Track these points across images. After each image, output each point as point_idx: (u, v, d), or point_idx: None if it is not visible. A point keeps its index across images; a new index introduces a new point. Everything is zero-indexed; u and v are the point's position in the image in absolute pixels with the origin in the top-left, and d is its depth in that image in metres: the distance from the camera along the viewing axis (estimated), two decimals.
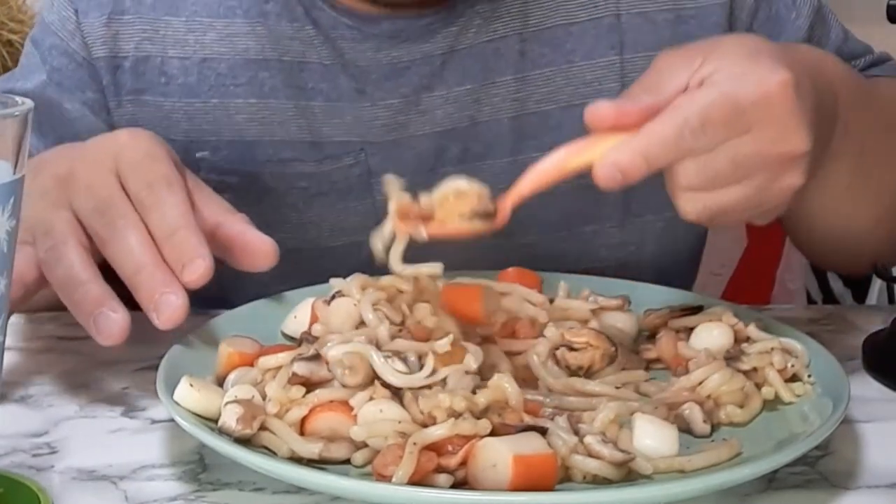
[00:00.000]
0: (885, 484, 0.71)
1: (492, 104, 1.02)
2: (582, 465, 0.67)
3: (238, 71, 1.02)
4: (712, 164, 0.73)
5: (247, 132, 1.02)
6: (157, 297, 0.78)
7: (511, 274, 0.89)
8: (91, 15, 1.03)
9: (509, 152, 1.03)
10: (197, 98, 1.03)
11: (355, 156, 1.02)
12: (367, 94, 1.01)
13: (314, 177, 1.03)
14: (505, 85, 1.02)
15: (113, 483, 0.71)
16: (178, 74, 1.03)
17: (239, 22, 1.02)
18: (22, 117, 0.63)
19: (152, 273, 0.78)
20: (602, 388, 0.76)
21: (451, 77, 1.01)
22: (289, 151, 1.02)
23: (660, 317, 0.85)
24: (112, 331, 0.78)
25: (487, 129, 1.02)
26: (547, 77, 1.02)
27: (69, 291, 0.79)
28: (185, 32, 1.02)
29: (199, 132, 1.03)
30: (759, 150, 0.74)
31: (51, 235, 0.80)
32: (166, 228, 0.80)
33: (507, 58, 1.02)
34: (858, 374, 0.86)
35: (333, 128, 1.02)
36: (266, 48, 1.01)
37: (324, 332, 0.78)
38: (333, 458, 0.69)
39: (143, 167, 0.82)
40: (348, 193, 1.03)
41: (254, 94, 1.02)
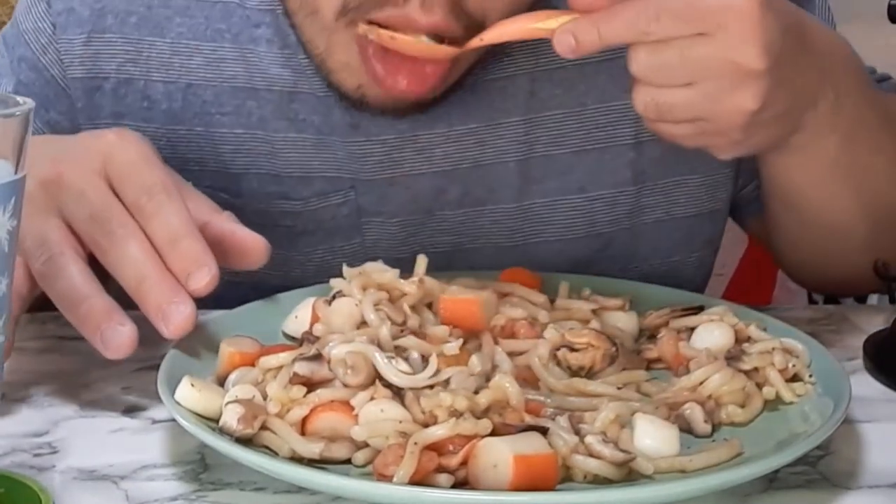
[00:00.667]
0: (886, 484, 0.71)
1: (497, 146, 0.98)
2: (583, 465, 0.67)
3: (224, 99, 0.97)
4: (661, 55, 0.75)
5: (232, 164, 0.98)
6: (166, 307, 0.77)
7: (512, 274, 0.89)
8: (70, 31, 0.98)
9: (514, 197, 0.99)
10: (181, 125, 0.98)
11: (345, 194, 0.98)
12: (361, 128, 0.96)
13: (300, 215, 0.99)
14: (512, 126, 0.98)
15: (114, 483, 0.71)
16: (162, 99, 0.98)
17: (227, 47, 0.97)
18: (22, 117, 0.63)
19: (158, 283, 0.77)
20: (603, 388, 0.76)
21: (454, 114, 0.96)
22: (275, 186, 0.98)
23: (660, 317, 0.85)
24: (121, 344, 0.77)
25: (491, 172, 0.98)
26: (557, 119, 0.98)
27: (73, 306, 0.78)
28: (169, 55, 0.97)
29: (182, 161, 0.96)
30: (710, 53, 0.75)
31: (46, 246, 0.79)
32: (169, 236, 0.78)
33: (515, 97, 0.97)
34: (859, 374, 0.86)
35: (323, 163, 0.98)
36: (255, 76, 0.97)
37: (325, 332, 0.78)
38: (334, 457, 0.69)
39: (136, 171, 0.80)
40: (335, 233, 1.00)
41: (240, 125, 0.98)
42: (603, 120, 0.98)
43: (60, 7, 0.98)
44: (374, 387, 0.70)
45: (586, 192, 1.00)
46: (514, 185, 0.99)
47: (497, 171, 0.98)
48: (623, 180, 1.00)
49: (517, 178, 0.99)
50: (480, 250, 1.00)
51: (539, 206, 0.99)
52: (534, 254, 1.00)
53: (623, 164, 0.99)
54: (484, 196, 0.99)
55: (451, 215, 0.99)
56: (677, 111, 0.78)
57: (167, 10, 0.98)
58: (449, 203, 0.99)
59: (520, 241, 1.00)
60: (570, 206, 1.00)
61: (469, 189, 0.99)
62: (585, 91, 0.98)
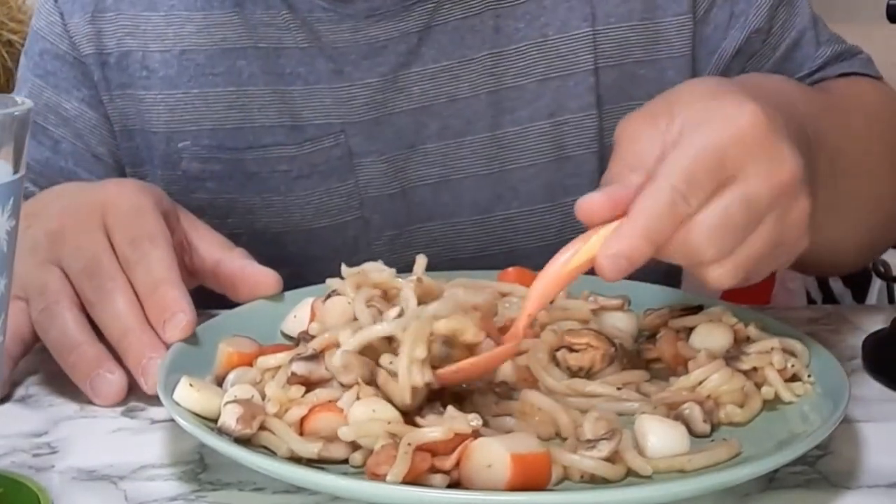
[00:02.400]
0: (885, 484, 0.71)
1: (469, 80, 1.03)
2: (579, 464, 0.67)
3: (216, 60, 1.03)
4: (721, 218, 0.70)
5: (227, 120, 1.04)
6: (145, 361, 0.79)
7: (511, 274, 0.89)
8: (76, 15, 1.05)
9: (488, 127, 1.04)
10: (177, 89, 1.04)
11: (335, 137, 1.03)
12: (345, 74, 1.02)
13: (295, 160, 1.04)
14: (481, 61, 1.03)
15: (113, 483, 0.71)
16: (159, 67, 1.04)
17: (216, 13, 1.03)
18: (22, 117, 0.63)
19: (139, 337, 0.80)
20: (603, 388, 0.76)
21: (427, 54, 1.02)
22: (269, 137, 1.04)
23: (660, 317, 0.85)
24: (109, 392, 0.80)
25: (466, 105, 1.03)
26: (522, 51, 1.03)
27: (64, 354, 0.81)
28: (164, 26, 1.04)
29: (181, 122, 1.04)
30: (756, 189, 0.70)
31: (44, 296, 0.82)
32: (149, 284, 0.81)
33: (482, 33, 1.02)
34: (858, 373, 0.87)
35: (313, 111, 1.03)
36: (242, 36, 1.03)
37: (320, 330, 0.78)
38: (332, 457, 0.69)
39: (127, 222, 0.84)
40: (330, 175, 1.04)
41: (232, 83, 1.03)
42: (564, 48, 1.03)
43: None
44: (357, 386, 0.70)
45: (554, 116, 1.04)
46: (487, 115, 1.04)
47: (471, 104, 1.03)
48: (586, 104, 1.04)
49: (489, 108, 1.04)
50: (463, 181, 1.05)
51: (512, 134, 1.04)
52: (510, 181, 1.05)
53: (586, 88, 1.04)
54: (461, 128, 1.04)
55: (432, 148, 1.04)
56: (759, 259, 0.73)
57: None
58: (430, 137, 1.04)
59: (497, 168, 1.05)
60: (541, 132, 1.04)
61: (447, 122, 1.04)
62: (546, 22, 1.03)
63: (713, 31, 1.04)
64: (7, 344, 0.75)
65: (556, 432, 0.73)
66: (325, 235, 1.05)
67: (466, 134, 1.04)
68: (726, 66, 1.04)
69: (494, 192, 1.05)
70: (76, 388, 0.82)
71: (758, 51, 1.05)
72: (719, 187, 0.70)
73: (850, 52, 1.08)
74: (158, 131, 1.05)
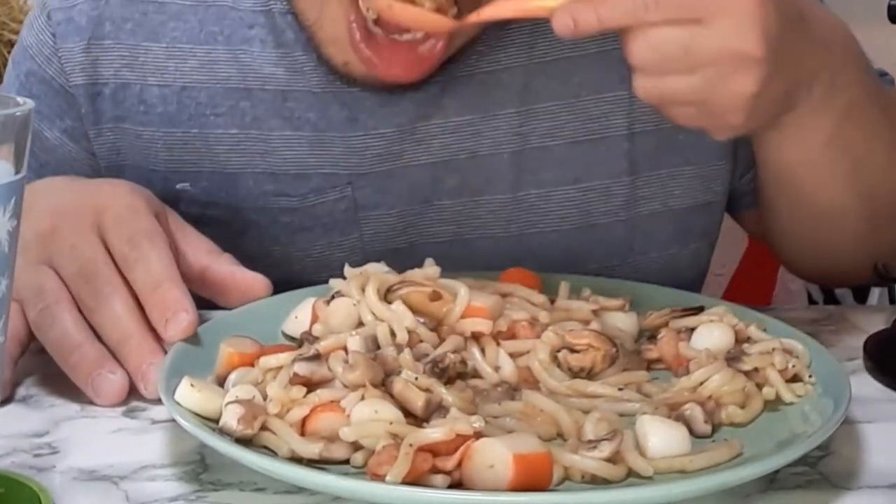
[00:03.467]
0: (886, 484, 0.71)
1: (492, 137, 0.99)
2: (580, 464, 0.67)
3: (218, 100, 0.99)
4: (662, 44, 0.75)
5: (228, 164, 0.99)
6: (145, 367, 0.79)
7: (512, 274, 0.89)
8: (70, 40, 0.99)
9: (509, 188, 1.00)
10: (177, 128, 0.99)
11: (341, 190, 0.99)
12: (359, 122, 0.98)
13: (297, 212, 1.00)
14: (507, 118, 0.99)
15: (114, 483, 0.71)
16: (158, 103, 0.99)
17: (220, 49, 0.98)
18: (23, 117, 0.63)
19: (139, 342, 0.80)
20: (604, 389, 0.76)
21: (450, 106, 0.98)
22: (271, 184, 0.99)
23: (661, 317, 0.85)
24: (112, 392, 0.80)
25: (487, 163, 0.99)
26: (552, 111, 0.99)
27: (65, 354, 0.81)
28: (165, 59, 0.99)
29: (180, 163, 1.00)
30: (710, 41, 0.75)
31: (42, 296, 0.81)
32: (149, 283, 0.80)
33: (510, 89, 0.98)
34: (859, 374, 0.86)
35: (319, 159, 0.99)
36: (248, 76, 0.98)
37: (324, 332, 0.78)
38: (334, 458, 0.69)
39: (124, 222, 0.83)
40: (333, 228, 1.00)
41: (234, 125, 0.99)
42: (597, 111, 1.00)
43: (60, 17, 1.00)
44: (364, 388, 0.70)
45: (581, 182, 1.01)
46: (509, 175, 1.00)
47: (492, 162, 0.99)
48: (618, 171, 1.01)
49: (512, 168, 1.00)
50: (477, 241, 1.01)
51: (534, 196, 1.00)
52: (530, 244, 1.01)
53: (618, 154, 1.00)
54: (480, 186, 1.00)
55: (448, 205, 1.00)
56: (679, 97, 0.78)
57: (162, 16, 0.99)
58: (446, 193, 1.00)
59: (515, 231, 1.01)
60: (566, 197, 1.01)
61: (465, 179, 1.00)
62: (579, 83, 0.99)
63: None
64: (7, 345, 0.75)
65: (558, 433, 0.73)
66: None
67: (485, 193, 1.00)
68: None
69: (511, 255, 0.99)
70: (77, 388, 0.82)
71: None
72: (684, 20, 0.75)
73: (878, 73, 1.07)
74: (157, 170, 1.00)
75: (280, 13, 0.98)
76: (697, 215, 1.05)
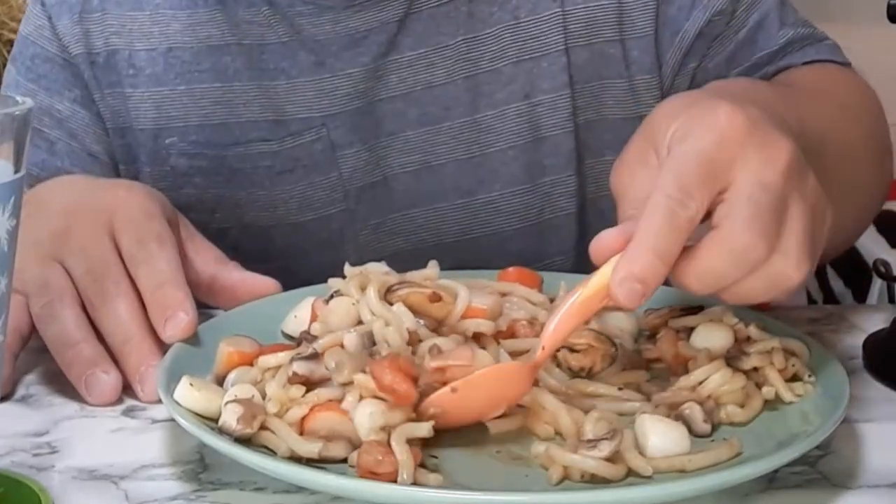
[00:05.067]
0: (886, 484, 0.71)
1: (445, 67, 1.04)
2: (579, 464, 0.67)
3: (202, 57, 1.05)
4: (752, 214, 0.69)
5: (213, 116, 1.05)
6: (143, 369, 0.80)
7: (511, 274, 0.89)
8: (64, 17, 1.06)
9: (467, 112, 1.05)
10: (164, 86, 1.05)
11: (317, 131, 1.04)
12: (326, 66, 1.03)
13: (278, 155, 1.05)
14: (456, 46, 1.04)
15: (113, 483, 0.71)
16: (146, 65, 1.05)
17: (200, 11, 1.05)
18: (22, 116, 0.63)
19: (139, 344, 0.80)
20: (605, 389, 0.76)
21: (405, 42, 1.04)
22: (254, 132, 1.05)
23: (660, 316, 0.85)
24: (103, 392, 0.80)
25: (443, 92, 1.05)
26: (495, 35, 1.04)
27: (62, 350, 0.81)
28: (150, 25, 1.05)
29: (168, 119, 1.05)
30: (762, 175, 0.70)
31: (46, 291, 0.82)
32: (152, 283, 0.82)
33: (456, 20, 1.04)
34: (859, 373, 0.86)
35: (295, 105, 1.04)
36: (226, 34, 1.04)
37: (322, 331, 0.78)
38: (333, 457, 0.69)
39: (136, 225, 0.84)
40: (313, 169, 1.05)
41: (218, 79, 1.05)
42: (535, 30, 1.05)
43: (52, 1, 1.08)
44: (358, 387, 0.70)
45: (529, 98, 1.05)
46: (465, 100, 1.05)
47: (448, 90, 1.05)
48: (560, 84, 1.05)
49: (467, 93, 1.05)
50: (444, 166, 1.06)
51: (490, 118, 1.06)
52: (491, 164, 1.06)
53: (558, 69, 1.05)
54: (440, 114, 1.05)
55: (412, 135, 1.05)
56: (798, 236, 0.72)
57: None
58: (410, 123, 1.05)
59: (477, 152, 1.06)
60: (517, 114, 1.06)
61: (426, 109, 1.05)
62: (517, 5, 1.04)
63: (677, 12, 1.05)
64: (8, 341, 0.75)
65: (558, 432, 0.73)
66: (311, 228, 1.06)
67: (445, 120, 1.05)
68: (689, 46, 1.05)
69: (475, 176, 1.06)
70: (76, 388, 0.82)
71: (721, 33, 1.05)
72: (720, 191, 0.70)
73: (815, 38, 1.08)
74: (146, 128, 1.06)
75: None
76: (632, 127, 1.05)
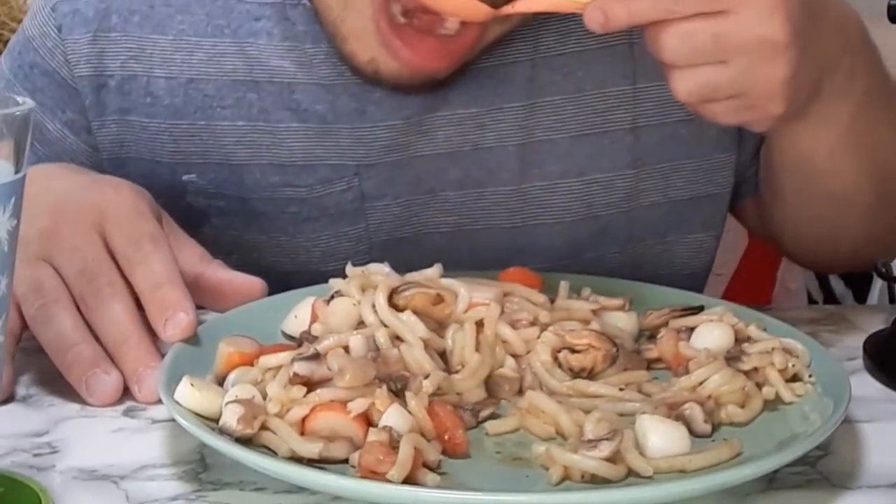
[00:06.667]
0: (886, 484, 0.71)
1: (497, 130, 1.00)
2: (580, 464, 0.67)
3: (225, 92, 0.99)
4: (692, 36, 0.78)
5: (234, 155, 1.00)
6: (141, 370, 0.79)
7: (512, 274, 0.89)
8: (76, 32, 1.00)
9: (513, 180, 1.01)
10: (183, 120, 1.00)
11: (348, 180, 1.00)
12: (367, 114, 0.98)
13: (305, 202, 1.00)
14: (512, 111, 1.00)
15: (114, 483, 0.71)
16: (164, 95, 1.00)
17: (227, 42, 0.99)
18: (23, 117, 0.63)
19: (137, 345, 0.80)
20: (605, 389, 0.76)
21: (456, 100, 0.99)
22: (278, 176, 1.00)
23: (660, 317, 0.85)
24: (105, 392, 0.80)
25: (491, 155, 1.00)
26: (556, 105, 1.00)
27: (61, 352, 0.81)
28: (172, 52, 0.99)
29: (186, 154, 1.00)
30: (737, 29, 0.78)
31: (40, 293, 0.81)
32: (150, 284, 0.81)
33: (515, 83, 0.99)
34: (859, 374, 0.86)
35: (327, 150, 0.99)
36: (255, 69, 0.98)
37: (323, 331, 0.78)
38: (333, 457, 0.69)
39: (128, 224, 0.83)
40: (340, 219, 1.01)
41: (241, 117, 0.99)
42: (601, 106, 1.01)
43: (66, 9, 1.01)
44: (372, 395, 0.70)
45: (585, 175, 1.02)
46: (513, 168, 1.01)
47: (497, 155, 1.00)
48: (621, 164, 1.02)
49: (517, 161, 1.01)
50: (481, 232, 1.02)
51: (538, 189, 1.02)
52: (532, 236, 1.03)
53: (621, 148, 1.01)
54: (484, 178, 1.01)
55: (452, 196, 1.01)
56: (717, 91, 0.80)
57: (169, 9, 1.00)
58: (450, 184, 1.01)
59: (519, 223, 1.02)
60: (569, 190, 1.02)
61: (470, 171, 1.01)
62: (584, 77, 1.00)
63: None
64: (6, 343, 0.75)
65: (558, 432, 0.73)
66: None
67: (489, 185, 1.01)
68: None
69: (513, 247, 1.02)
70: None
71: None
72: (711, 12, 0.78)
73: None
74: (163, 161, 1.00)
75: (290, 5, 0.98)
76: (699, 206, 1.06)
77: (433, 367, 0.74)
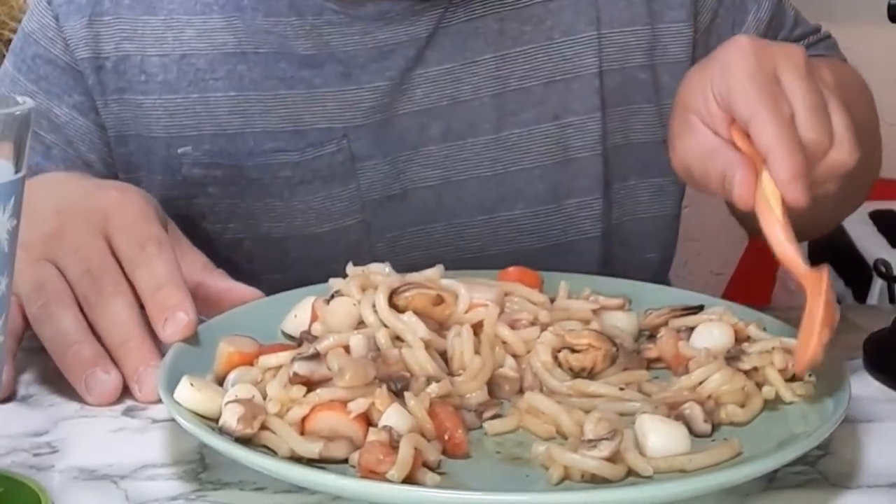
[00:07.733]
0: (886, 484, 0.71)
1: (472, 83, 1.04)
2: (580, 464, 0.67)
3: (217, 65, 1.03)
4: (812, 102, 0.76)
5: (228, 125, 1.03)
6: (141, 370, 0.80)
7: (512, 273, 0.89)
8: (72, 18, 1.04)
9: (492, 130, 1.05)
10: (177, 94, 1.03)
11: (338, 142, 1.03)
12: (352, 77, 1.02)
13: (297, 166, 1.04)
14: (485, 63, 1.04)
15: (114, 482, 0.71)
16: (158, 72, 1.03)
17: (216, 17, 1.03)
18: (23, 116, 0.63)
19: (138, 345, 0.80)
20: (605, 388, 0.76)
21: (432, 57, 1.03)
22: (271, 142, 1.03)
23: (660, 316, 0.85)
24: (104, 392, 0.80)
25: (469, 108, 1.04)
26: (527, 54, 1.04)
27: (61, 351, 0.81)
28: (163, 31, 1.03)
29: (181, 127, 1.04)
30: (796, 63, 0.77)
31: (43, 292, 0.82)
32: (152, 285, 0.81)
33: (486, 36, 1.03)
34: (859, 373, 0.87)
35: (315, 115, 1.03)
36: (243, 41, 1.02)
37: (323, 331, 0.78)
38: (333, 457, 0.69)
39: (133, 227, 0.84)
40: (332, 180, 1.04)
41: (233, 87, 1.03)
42: (569, 52, 1.05)
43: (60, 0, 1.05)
44: (372, 395, 0.70)
45: (559, 119, 1.06)
46: (491, 118, 1.05)
47: (474, 107, 1.04)
48: (591, 107, 1.06)
49: (493, 111, 1.05)
50: (466, 182, 1.06)
51: (516, 136, 1.06)
52: (515, 182, 1.06)
53: (591, 92, 1.05)
54: (464, 130, 1.05)
55: (435, 150, 1.05)
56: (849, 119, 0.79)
57: None
58: (433, 139, 1.04)
59: (500, 170, 1.06)
60: (545, 134, 1.06)
61: (450, 125, 1.04)
62: (552, 26, 1.04)
63: (716, 42, 1.04)
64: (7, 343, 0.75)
65: (558, 431, 0.73)
66: (327, 240, 1.05)
67: (469, 136, 1.05)
68: None
69: (498, 194, 1.05)
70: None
71: None
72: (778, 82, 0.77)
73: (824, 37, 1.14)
74: (158, 136, 1.04)
75: None
76: (657, 152, 1.07)
77: (435, 369, 0.75)
